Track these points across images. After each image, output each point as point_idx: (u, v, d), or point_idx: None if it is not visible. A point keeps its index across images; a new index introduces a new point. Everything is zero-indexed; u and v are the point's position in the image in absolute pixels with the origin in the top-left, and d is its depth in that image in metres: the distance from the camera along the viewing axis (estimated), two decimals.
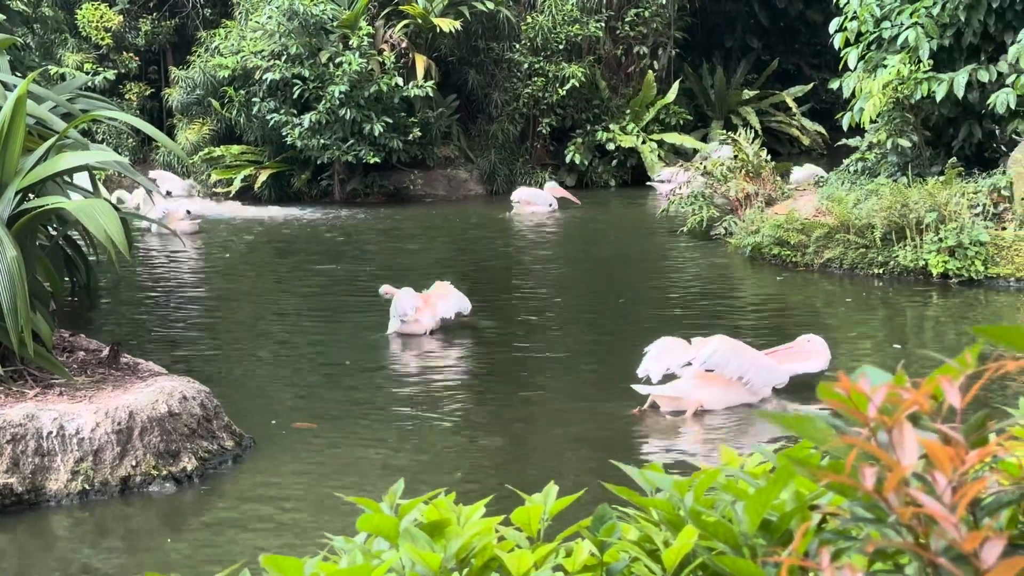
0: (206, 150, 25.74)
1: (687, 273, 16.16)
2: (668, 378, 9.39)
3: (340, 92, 23.37)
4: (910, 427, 1.42)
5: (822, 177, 19.55)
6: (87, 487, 7.35)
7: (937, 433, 1.49)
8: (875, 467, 1.42)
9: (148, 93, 29.33)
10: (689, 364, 9.29)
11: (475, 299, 12.79)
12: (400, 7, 25.38)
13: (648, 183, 25.39)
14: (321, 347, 11.90)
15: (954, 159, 15.61)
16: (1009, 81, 14.91)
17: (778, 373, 9.52)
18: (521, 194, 23.07)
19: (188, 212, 20.31)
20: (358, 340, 12.26)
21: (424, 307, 12.24)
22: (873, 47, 16.78)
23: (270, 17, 24.19)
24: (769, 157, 18.95)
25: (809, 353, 9.81)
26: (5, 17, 15.85)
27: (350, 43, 24.06)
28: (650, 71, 28.25)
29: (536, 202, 22.66)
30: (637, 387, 9.30)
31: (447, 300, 12.38)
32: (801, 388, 9.58)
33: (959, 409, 1.48)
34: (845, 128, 17.20)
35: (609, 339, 12.32)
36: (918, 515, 1.38)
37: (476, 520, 2.17)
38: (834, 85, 17.56)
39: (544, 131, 27.03)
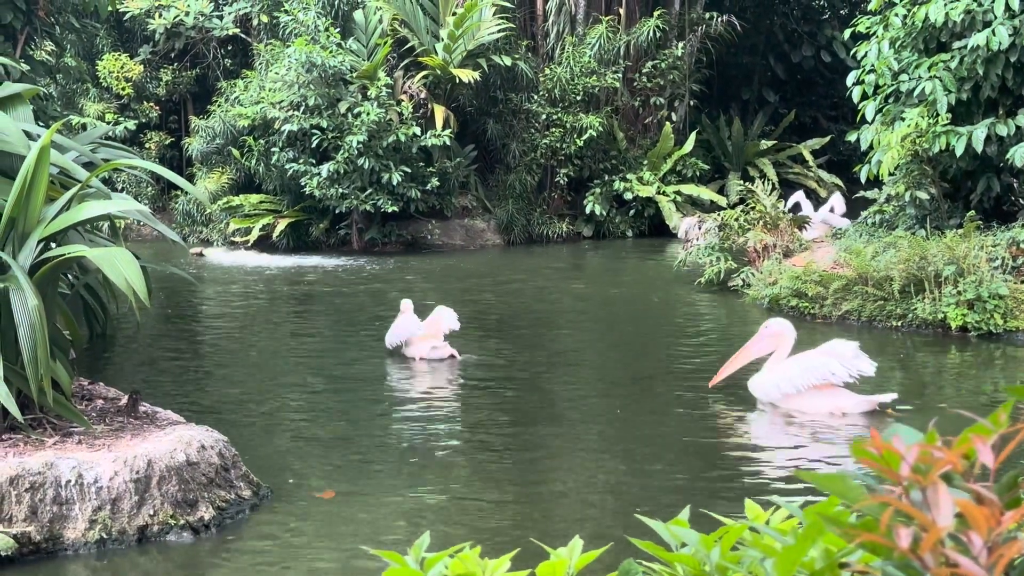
0: (225, 199, 25.90)
1: (704, 324, 16.12)
2: None
3: (358, 142, 23.52)
4: (945, 487, 1.42)
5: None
6: (104, 536, 7.33)
7: (970, 493, 1.48)
8: (910, 527, 1.42)
9: (168, 142, 29.58)
10: None
11: (494, 343, 12.80)
12: (419, 59, 25.60)
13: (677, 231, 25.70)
14: (339, 393, 11.89)
15: (972, 212, 15.60)
16: None
17: None
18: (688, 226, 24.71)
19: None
20: (377, 386, 12.26)
21: (432, 332, 13.43)
22: (891, 100, 16.84)
23: (289, 68, 24.40)
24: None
25: None
26: (29, 67, 16.02)
27: (368, 94, 24.23)
28: (667, 122, 28.36)
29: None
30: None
31: (449, 318, 13.55)
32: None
33: (993, 469, 1.48)
34: (863, 180, 17.25)
35: (627, 388, 12.29)
36: (954, 575, 1.37)
37: (501, 574, 2.16)
38: (851, 137, 17.61)
39: (562, 181, 27.11)
